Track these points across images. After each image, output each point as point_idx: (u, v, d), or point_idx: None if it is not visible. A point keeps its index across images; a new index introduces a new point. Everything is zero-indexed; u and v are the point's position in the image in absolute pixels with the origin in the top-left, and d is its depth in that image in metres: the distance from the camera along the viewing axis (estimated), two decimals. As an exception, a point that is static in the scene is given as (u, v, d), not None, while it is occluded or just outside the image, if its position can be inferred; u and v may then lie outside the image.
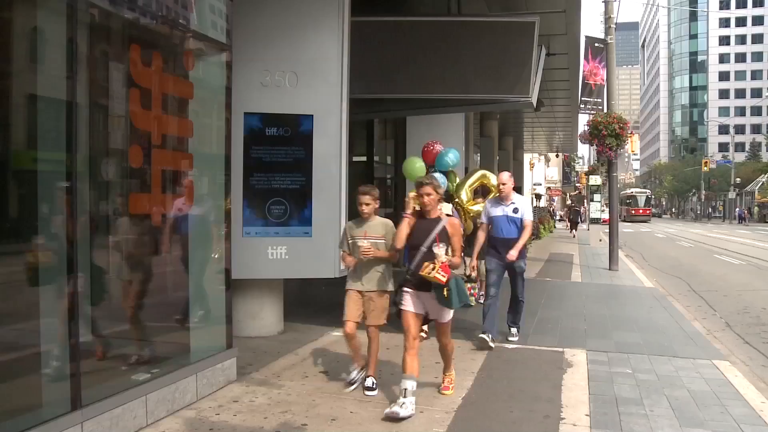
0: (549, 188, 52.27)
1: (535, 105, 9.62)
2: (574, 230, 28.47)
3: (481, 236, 6.26)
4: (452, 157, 6.88)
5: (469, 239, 6.54)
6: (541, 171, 46.43)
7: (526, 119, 22.07)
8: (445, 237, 4.26)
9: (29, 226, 3.36)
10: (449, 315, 4.38)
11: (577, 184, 47.93)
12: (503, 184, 6.15)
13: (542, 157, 44.15)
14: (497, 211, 6.16)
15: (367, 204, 4.55)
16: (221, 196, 4.94)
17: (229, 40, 4.93)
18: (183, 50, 4.56)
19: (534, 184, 42.65)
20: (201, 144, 4.76)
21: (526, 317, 7.64)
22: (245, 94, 5.76)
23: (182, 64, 4.53)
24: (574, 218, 29.56)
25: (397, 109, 10.28)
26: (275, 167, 6.04)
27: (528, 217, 6.18)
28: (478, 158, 18.05)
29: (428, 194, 4.28)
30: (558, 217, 39.44)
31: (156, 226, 4.27)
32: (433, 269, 4.03)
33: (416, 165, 6.95)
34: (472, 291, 6.17)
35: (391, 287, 4.62)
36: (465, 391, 4.70)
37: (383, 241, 4.55)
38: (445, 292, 4.06)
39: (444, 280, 4.02)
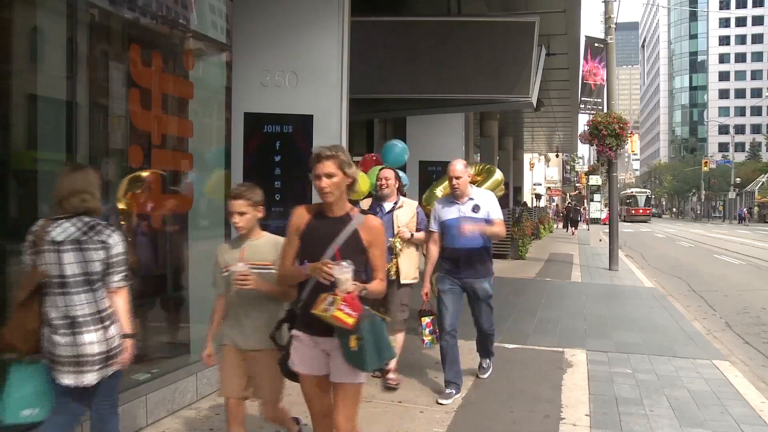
0: (549, 188, 52.31)
1: (535, 105, 9.63)
2: (574, 230, 28.64)
3: (433, 250, 4.63)
4: (399, 146, 5.74)
5: None
6: (541, 171, 46.45)
7: (526, 119, 22.09)
8: (353, 249, 2.61)
9: (29, 226, 3.36)
10: (360, 377, 2.67)
11: (577, 184, 47.95)
12: (457, 177, 4.46)
13: (542, 157, 44.18)
14: (450, 213, 4.53)
15: (241, 213, 2.95)
16: (221, 195, 4.94)
17: (229, 40, 4.94)
18: (183, 50, 4.57)
19: (534, 184, 42.69)
20: (201, 144, 4.77)
21: (525, 317, 7.67)
22: (245, 94, 5.76)
23: (182, 63, 4.54)
24: (574, 217, 29.74)
25: (397, 109, 10.29)
26: (275, 167, 6.04)
27: (497, 216, 4.55)
28: (478, 158, 18.04)
29: (330, 175, 2.56)
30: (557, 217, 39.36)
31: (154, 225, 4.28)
32: (332, 305, 2.44)
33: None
34: (432, 328, 4.61)
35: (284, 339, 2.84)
36: (465, 391, 4.69)
37: (274, 270, 2.90)
38: (352, 342, 2.47)
39: (351, 322, 2.43)
